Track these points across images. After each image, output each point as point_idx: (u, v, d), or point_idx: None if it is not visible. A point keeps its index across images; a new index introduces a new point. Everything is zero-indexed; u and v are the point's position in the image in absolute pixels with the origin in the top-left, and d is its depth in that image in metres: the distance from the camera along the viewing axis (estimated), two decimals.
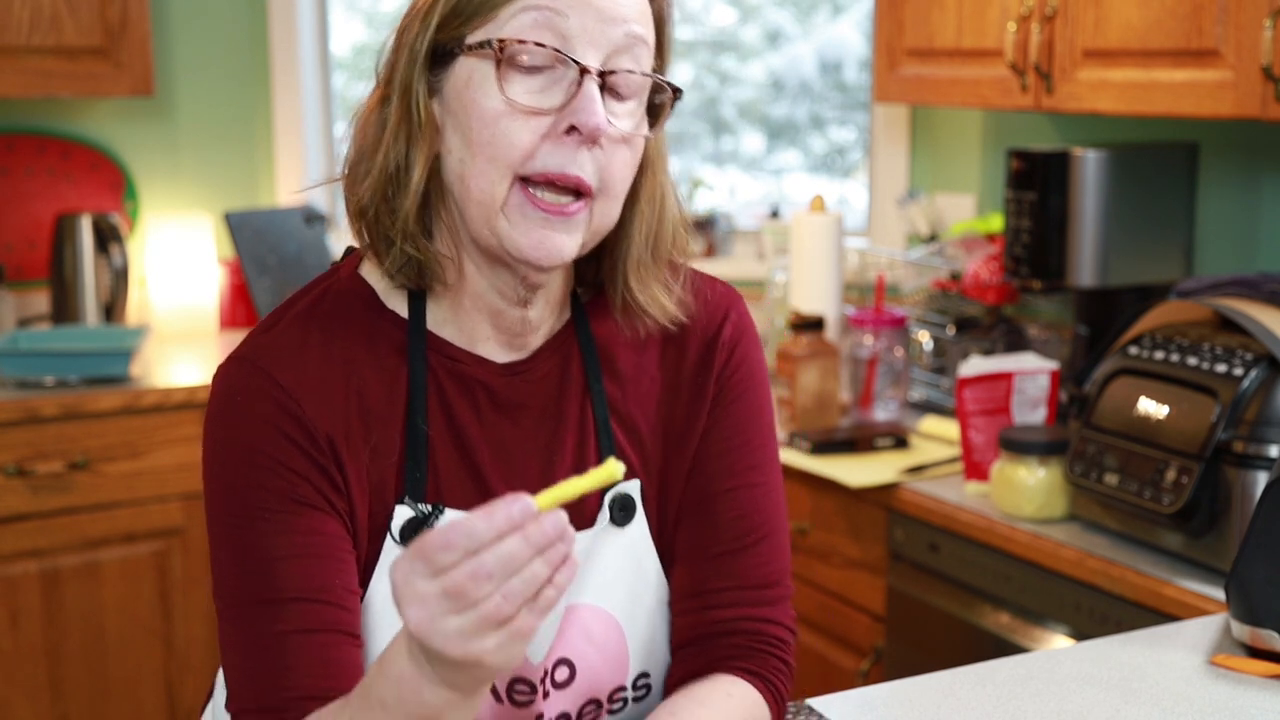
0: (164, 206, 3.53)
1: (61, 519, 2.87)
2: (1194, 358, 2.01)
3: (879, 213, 3.32)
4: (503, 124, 1.10)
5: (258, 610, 1.12)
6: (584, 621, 1.21)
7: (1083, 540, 2.12)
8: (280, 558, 1.12)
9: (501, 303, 1.20)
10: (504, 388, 1.22)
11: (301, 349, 1.16)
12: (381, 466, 1.17)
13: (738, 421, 1.28)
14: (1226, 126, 2.55)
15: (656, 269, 1.24)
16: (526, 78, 1.11)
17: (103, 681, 2.94)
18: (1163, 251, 2.53)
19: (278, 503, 1.13)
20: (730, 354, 1.29)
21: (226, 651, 1.15)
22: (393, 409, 1.18)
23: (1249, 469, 1.89)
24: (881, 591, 2.47)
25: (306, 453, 1.14)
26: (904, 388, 2.83)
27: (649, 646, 1.25)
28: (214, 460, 1.16)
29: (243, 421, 1.14)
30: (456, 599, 0.90)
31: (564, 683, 1.20)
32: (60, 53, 3.06)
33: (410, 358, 1.19)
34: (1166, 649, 1.56)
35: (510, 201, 1.12)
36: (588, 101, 1.10)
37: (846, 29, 3.70)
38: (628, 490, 1.24)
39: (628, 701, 1.24)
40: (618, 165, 1.14)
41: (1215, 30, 2.13)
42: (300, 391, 1.14)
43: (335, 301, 1.20)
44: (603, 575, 1.23)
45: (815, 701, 1.42)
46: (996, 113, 3.03)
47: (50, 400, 2.83)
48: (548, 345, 1.24)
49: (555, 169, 1.11)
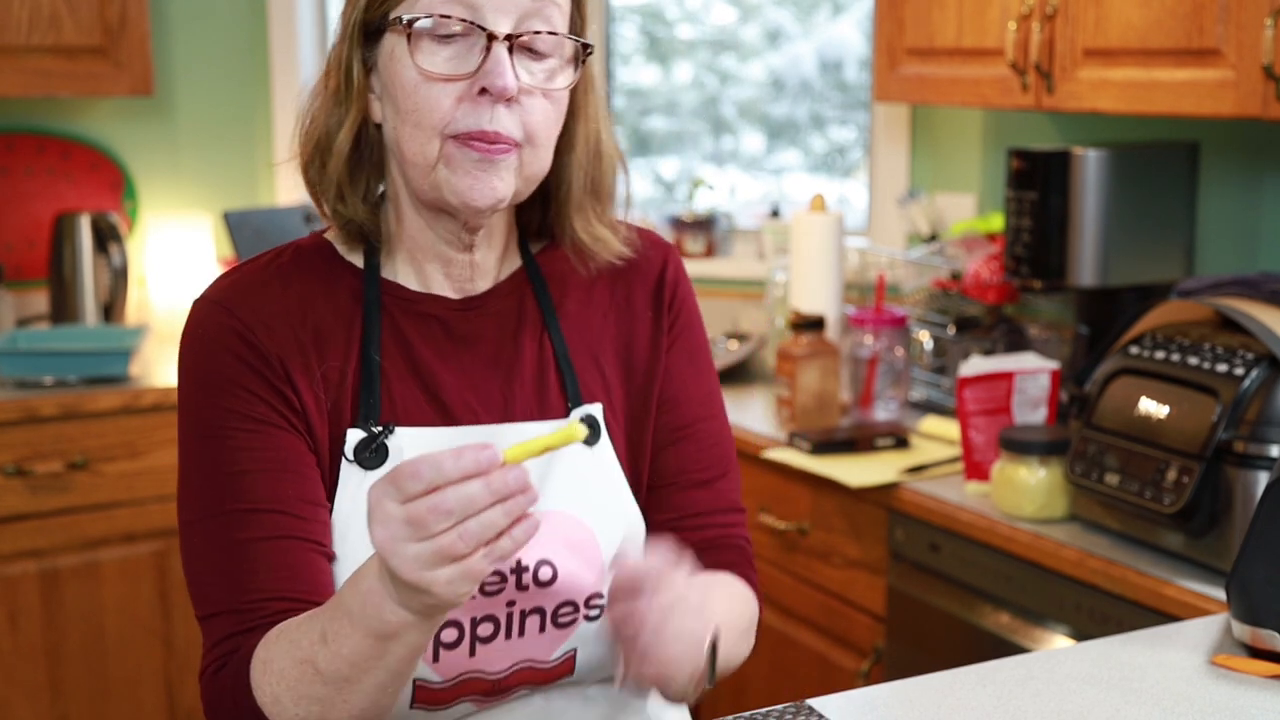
0: (163, 206, 3.52)
1: (61, 519, 2.87)
2: (1195, 357, 2.01)
3: (879, 212, 3.32)
4: (421, 91, 1.21)
5: (223, 520, 1.21)
6: (561, 527, 1.28)
7: (1083, 540, 2.12)
8: (243, 471, 1.21)
9: (449, 250, 1.30)
10: (459, 322, 1.32)
11: (260, 288, 1.27)
12: (336, 395, 1.26)
13: (693, 355, 1.42)
14: (1227, 126, 2.55)
15: (600, 209, 1.35)
16: (440, 47, 1.21)
17: (102, 682, 2.93)
18: (1163, 251, 2.53)
19: (238, 421, 1.22)
20: (675, 290, 1.42)
21: (191, 562, 1.23)
22: (348, 343, 1.27)
23: (1250, 469, 1.89)
24: (882, 592, 2.47)
25: (260, 374, 1.23)
26: (904, 387, 2.83)
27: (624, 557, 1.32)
28: (182, 391, 1.26)
29: (204, 350, 1.25)
30: (417, 527, 0.98)
31: (546, 582, 1.26)
32: (59, 52, 3.06)
33: (365, 298, 1.29)
34: (1167, 649, 1.55)
35: (445, 153, 1.22)
36: (495, 64, 1.19)
37: (847, 28, 3.69)
38: (592, 412, 1.34)
39: (603, 609, 1.29)
40: (538, 117, 1.23)
41: (1216, 29, 2.13)
42: (255, 321, 1.25)
43: (295, 255, 1.32)
44: (576, 485, 1.31)
45: (815, 702, 1.42)
46: (997, 112, 3.03)
47: (49, 400, 2.83)
48: (501, 285, 1.34)
49: (475, 127, 1.20)
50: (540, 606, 1.26)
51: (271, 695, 1.14)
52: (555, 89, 1.25)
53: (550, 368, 1.33)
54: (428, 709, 1.26)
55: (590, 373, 1.35)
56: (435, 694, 1.25)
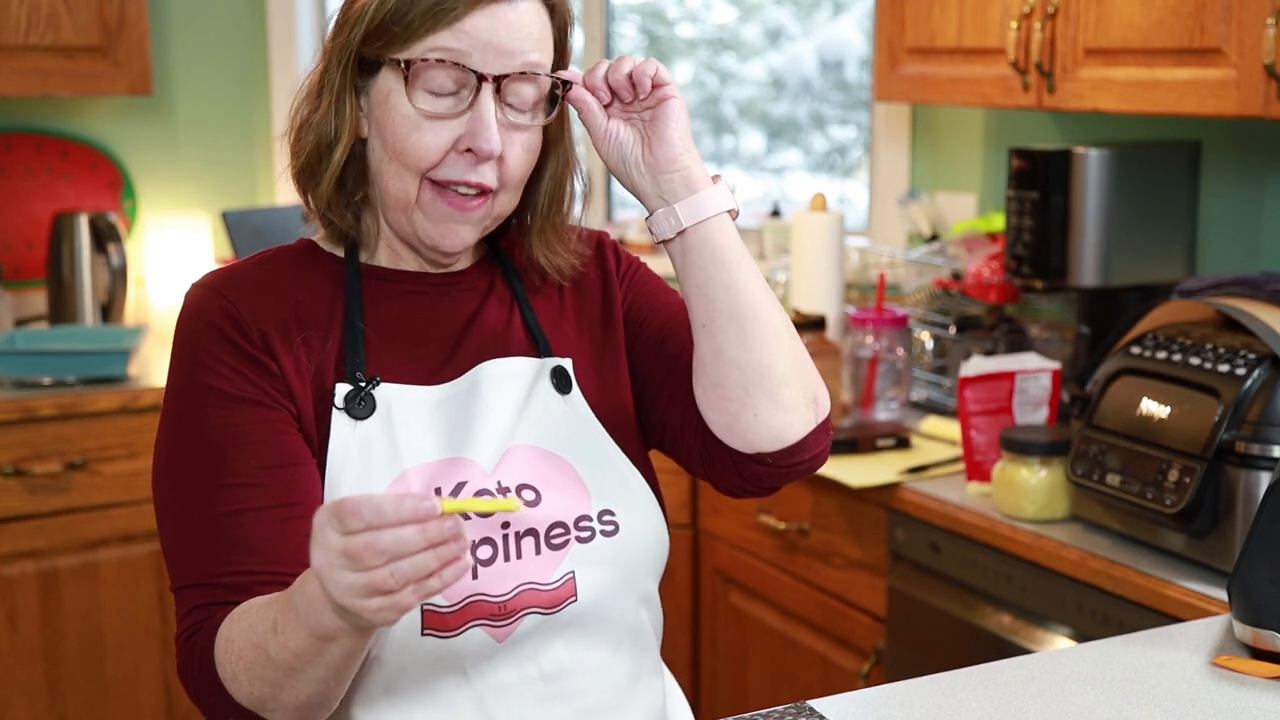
0: (162, 206, 3.52)
1: (59, 519, 2.86)
2: (1196, 358, 2.00)
3: (880, 212, 3.31)
4: (413, 136, 1.30)
5: (203, 494, 1.28)
6: (536, 458, 1.36)
7: (1084, 541, 2.11)
8: (222, 445, 1.28)
9: (426, 265, 1.41)
10: (438, 294, 1.41)
11: (246, 274, 1.36)
12: (319, 360, 1.33)
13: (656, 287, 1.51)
14: (1229, 125, 2.54)
15: (558, 232, 1.44)
16: (434, 97, 1.30)
17: (101, 682, 2.93)
18: (1165, 251, 2.53)
19: (218, 399, 1.29)
20: (615, 252, 1.51)
21: (168, 536, 1.31)
22: (331, 318, 1.35)
23: (1252, 469, 1.89)
24: (882, 592, 2.46)
25: (239, 347, 1.30)
26: (905, 388, 2.82)
27: (611, 490, 1.38)
28: (170, 368, 1.34)
29: (190, 329, 1.33)
30: (352, 559, 1.04)
31: (531, 503, 1.33)
32: (58, 51, 3.06)
33: (346, 278, 1.37)
34: (1168, 650, 1.55)
35: (422, 198, 1.32)
36: (482, 125, 1.29)
37: (847, 27, 3.69)
38: (562, 364, 1.41)
39: (595, 533, 1.35)
40: (515, 165, 1.33)
41: (1218, 29, 2.12)
42: (240, 301, 1.32)
43: (279, 252, 1.40)
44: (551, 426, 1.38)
45: (816, 703, 1.41)
46: (998, 111, 3.02)
47: (48, 400, 2.82)
48: (474, 266, 1.44)
49: (458, 178, 1.31)
50: (533, 529, 1.32)
51: (230, 672, 1.20)
52: (534, 125, 1.34)
53: (521, 329, 1.42)
54: (438, 634, 1.29)
55: (557, 336, 1.44)
56: (443, 618, 1.29)
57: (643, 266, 1.53)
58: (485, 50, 1.29)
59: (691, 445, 1.41)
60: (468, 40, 1.28)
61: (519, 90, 1.32)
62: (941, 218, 3.11)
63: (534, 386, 1.39)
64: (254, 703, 1.21)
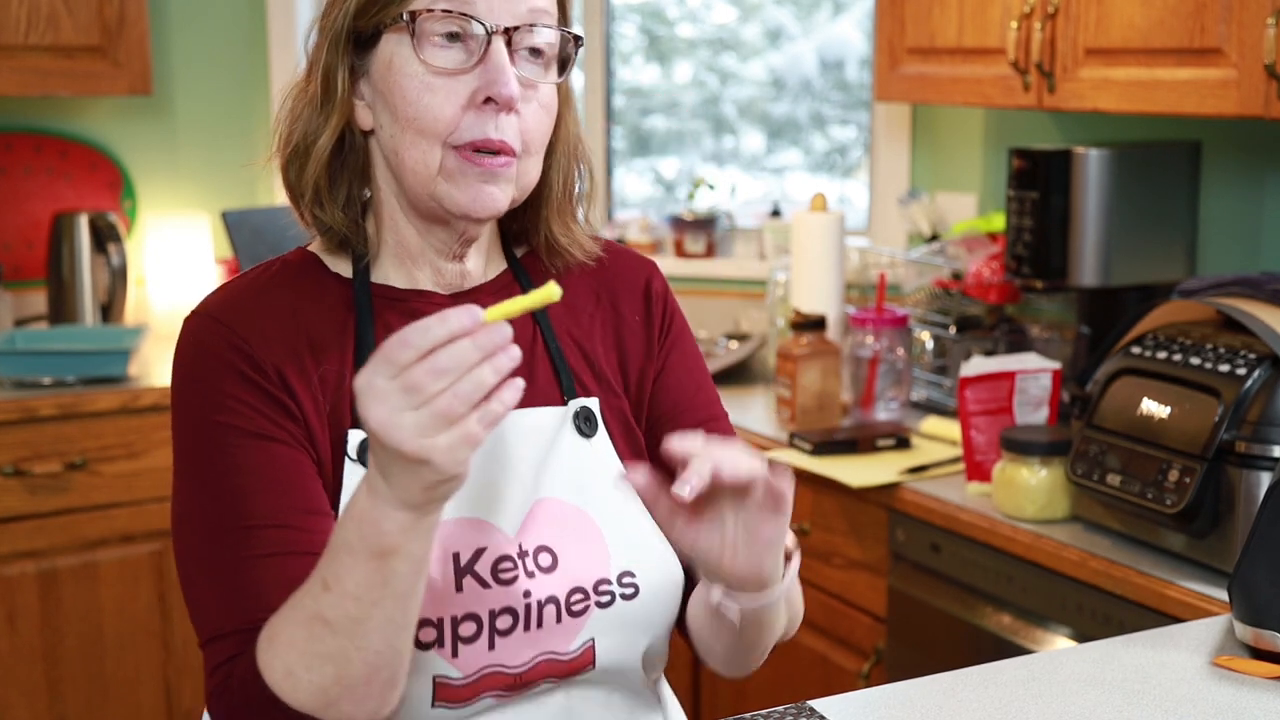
0: (162, 205, 3.52)
1: (59, 519, 2.86)
2: (1197, 358, 2.00)
3: (880, 212, 3.31)
4: (425, 98, 1.22)
5: (225, 539, 1.19)
6: (555, 513, 1.29)
7: (1085, 541, 2.11)
8: (245, 488, 1.19)
9: (439, 259, 1.31)
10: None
11: (250, 301, 1.27)
12: (335, 398, 1.25)
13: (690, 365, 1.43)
14: (1229, 125, 2.54)
15: (573, 209, 1.38)
16: (443, 50, 1.22)
17: (100, 682, 2.93)
18: (1165, 251, 2.52)
19: (237, 437, 1.20)
20: (665, 305, 1.43)
21: (192, 583, 1.20)
22: (343, 346, 1.27)
23: (1252, 469, 1.89)
24: (883, 592, 2.46)
25: (257, 385, 1.22)
26: (905, 388, 2.82)
27: (632, 547, 1.31)
28: (177, 406, 1.25)
29: (199, 364, 1.24)
30: (413, 393, 1.00)
31: (548, 568, 1.27)
32: (58, 51, 3.06)
33: (356, 301, 1.29)
34: (1169, 650, 1.55)
35: (445, 165, 1.23)
36: (497, 69, 1.21)
37: (847, 27, 3.69)
38: (588, 405, 1.34)
39: (615, 597, 1.29)
40: (533, 125, 1.25)
41: (1218, 29, 2.12)
42: (248, 331, 1.24)
43: (282, 268, 1.32)
44: (575, 475, 1.31)
45: (816, 703, 1.41)
46: (998, 111, 3.02)
47: (48, 400, 2.82)
48: (488, 284, 1.35)
49: (479, 137, 1.22)
50: (554, 595, 1.26)
51: (283, 669, 1.11)
52: (547, 83, 1.27)
53: (543, 362, 1.34)
54: (449, 707, 1.24)
55: (583, 369, 1.36)
56: (456, 691, 1.23)
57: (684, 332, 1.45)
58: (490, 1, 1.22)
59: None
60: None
61: (530, 41, 1.24)
62: (942, 218, 3.11)
63: (558, 434, 1.32)
64: (317, 694, 1.10)
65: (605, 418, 1.36)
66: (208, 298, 1.29)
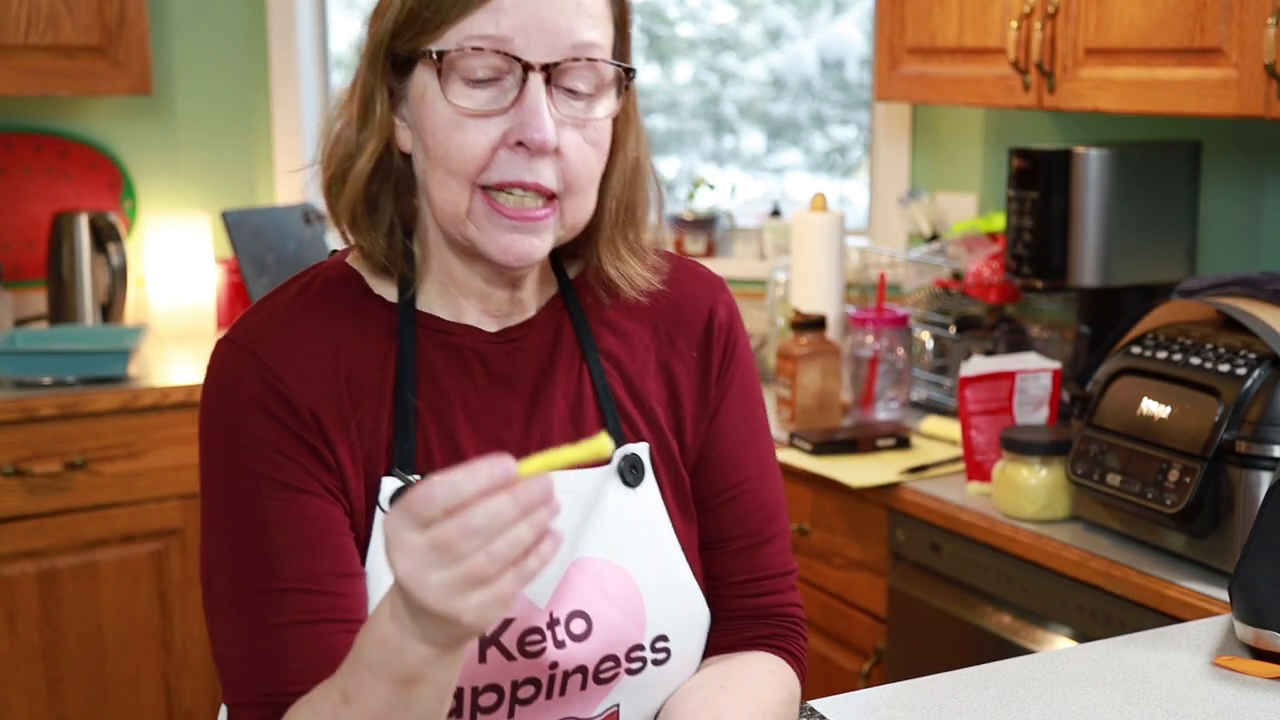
0: (162, 205, 3.52)
1: (59, 519, 2.86)
2: (1197, 357, 2.00)
3: (880, 212, 3.31)
4: (455, 137, 1.13)
5: (254, 601, 1.13)
6: (597, 574, 1.21)
7: (1085, 541, 2.11)
8: (276, 547, 1.13)
9: (488, 288, 1.22)
10: (497, 355, 1.23)
11: (287, 329, 1.18)
12: (371, 442, 1.18)
13: (746, 410, 1.33)
14: (1229, 125, 2.54)
15: (632, 239, 1.26)
16: (474, 89, 1.13)
17: (100, 682, 2.93)
18: (1165, 251, 2.52)
19: (270, 490, 1.14)
20: (726, 336, 1.33)
21: (220, 642, 1.15)
22: (382, 385, 1.19)
23: (1252, 469, 1.89)
24: (883, 592, 2.46)
25: (293, 431, 1.15)
26: (905, 387, 2.82)
27: (668, 609, 1.25)
28: (207, 443, 1.18)
29: (231, 401, 1.16)
30: (443, 552, 0.91)
31: (581, 635, 1.20)
32: (58, 51, 3.06)
33: (400, 335, 1.20)
34: (1169, 650, 1.55)
35: (474, 209, 1.14)
36: (532, 111, 1.12)
37: (848, 27, 3.69)
38: (636, 451, 1.25)
39: (647, 663, 1.23)
40: (578, 164, 1.15)
41: (1218, 29, 2.12)
42: (285, 369, 1.16)
43: (324, 287, 1.22)
44: (616, 531, 1.23)
45: (817, 703, 1.41)
46: (998, 111, 3.02)
47: (48, 400, 2.82)
48: (538, 316, 1.26)
49: (513, 179, 1.13)
50: (582, 665, 1.20)
51: None
52: (595, 118, 1.17)
53: (589, 404, 1.25)
54: None
55: (632, 410, 1.27)
56: None
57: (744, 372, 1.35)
58: (528, 31, 1.11)
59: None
60: (507, 21, 1.11)
61: (573, 77, 1.14)
62: (942, 217, 3.11)
63: (601, 490, 1.23)
64: None
65: (654, 463, 1.27)
66: (243, 321, 1.20)
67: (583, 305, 1.28)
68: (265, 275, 3.27)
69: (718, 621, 1.31)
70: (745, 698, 1.24)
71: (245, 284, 3.27)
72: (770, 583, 1.33)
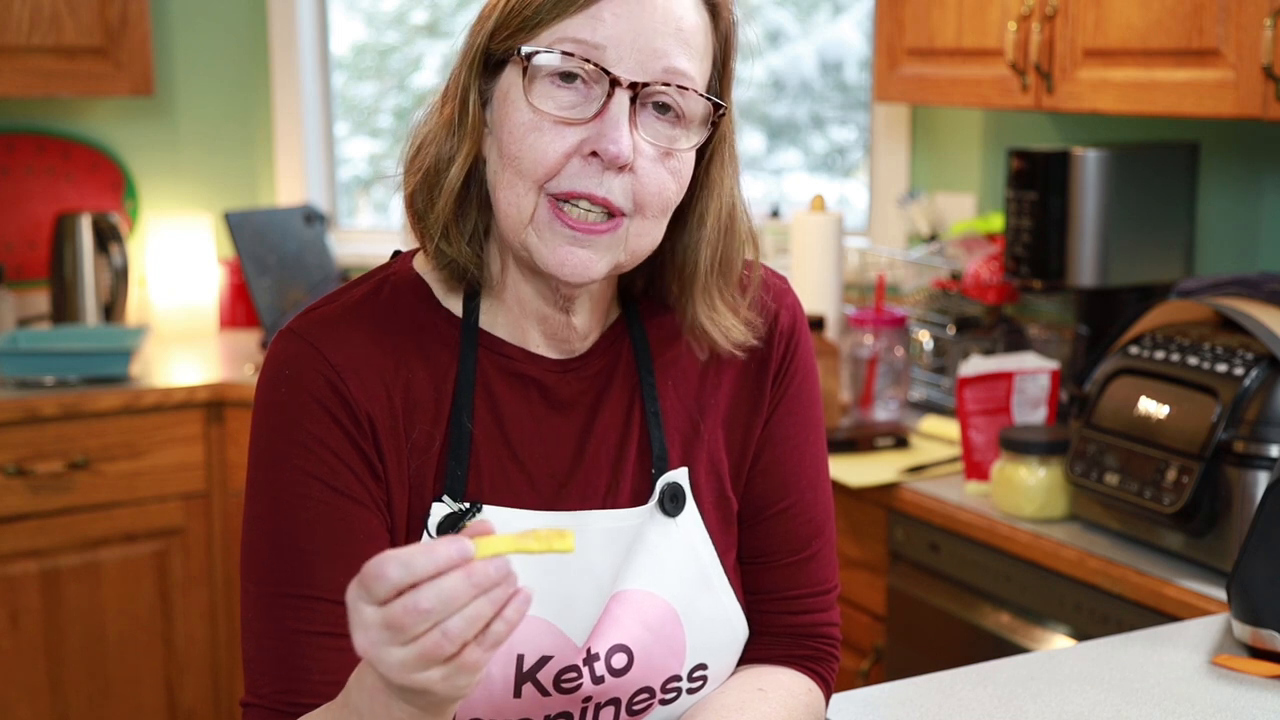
0: (164, 206, 3.52)
1: (61, 519, 2.87)
2: (1194, 357, 2.01)
3: (879, 212, 3.32)
4: (530, 138, 1.10)
5: (286, 603, 1.12)
6: (637, 605, 1.19)
7: (1083, 540, 2.12)
8: (316, 552, 1.12)
9: (545, 308, 1.19)
10: (558, 384, 1.21)
11: (353, 331, 1.16)
12: (421, 463, 1.16)
13: (804, 423, 1.30)
14: (1227, 126, 2.55)
15: (726, 290, 1.22)
16: (559, 90, 1.11)
17: (102, 681, 2.93)
18: (1163, 251, 2.53)
19: (319, 491, 1.12)
20: (788, 342, 1.29)
21: (248, 638, 1.15)
22: (439, 405, 1.17)
23: (1250, 469, 1.89)
24: (882, 591, 2.47)
25: (348, 433, 1.13)
26: (904, 387, 2.83)
27: (708, 638, 1.23)
28: (258, 428, 1.16)
29: (290, 392, 1.14)
30: (396, 631, 0.89)
31: (622, 670, 1.18)
32: (60, 52, 3.06)
33: (461, 355, 1.18)
34: (1168, 649, 1.55)
35: (538, 216, 1.12)
36: (612, 124, 1.09)
37: (847, 28, 3.70)
38: (677, 480, 1.23)
39: (681, 693, 1.22)
40: (653, 186, 1.12)
41: (1216, 30, 2.13)
42: (348, 370, 1.14)
43: (392, 293, 1.20)
44: (657, 562, 1.21)
45: None
46: (997, 112, 3.03)
47: (50, 400, 2.83)
48: (599, 343, 1.23)
49: (582, 190, 1.10)
50: (616, 698, 1.19)
51: None
52: (678, 150, 1.13)
53: (636, 434, 1.22)
54: None
55: (685, 434, 1.24)
56: None
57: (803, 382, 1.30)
58: (623, 45, 1.09)
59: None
60: (604, 31, 1.09)
61: (661, 101, 1.12)
62: (941, 218, 3.12)
63: (644, 525, 1.21)
64: None
65: (698, 487, 1.24)
66: (307, 312, 1.19)
67: (646, 329, 1.25)
68: (267, 276, 3.27)
69: (755, 636, 1.29)
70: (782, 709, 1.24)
71: (247, 285, 3.28)
72: (812, 600, 1.31)
